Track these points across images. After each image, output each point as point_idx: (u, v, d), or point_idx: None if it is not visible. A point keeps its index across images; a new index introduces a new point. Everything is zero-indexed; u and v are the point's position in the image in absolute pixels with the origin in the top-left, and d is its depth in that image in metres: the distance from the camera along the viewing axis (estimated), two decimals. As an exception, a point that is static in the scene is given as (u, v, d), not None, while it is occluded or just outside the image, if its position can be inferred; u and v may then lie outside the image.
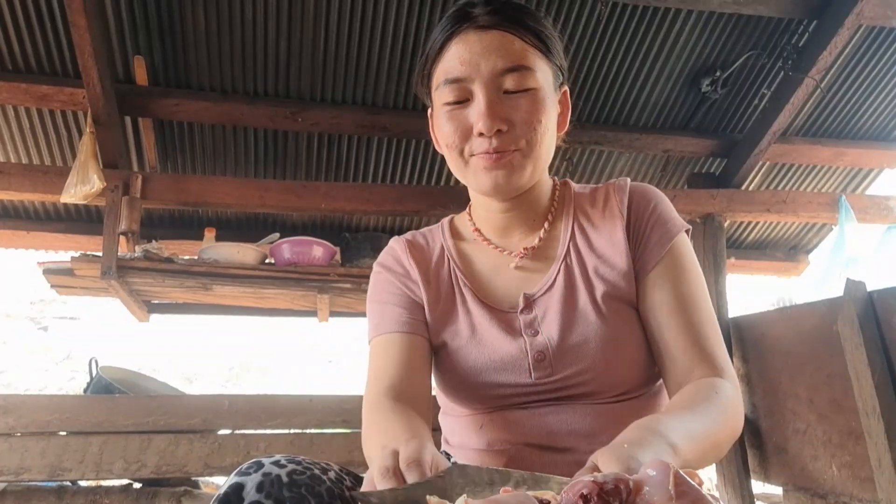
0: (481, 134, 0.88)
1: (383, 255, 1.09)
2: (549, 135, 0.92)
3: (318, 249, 2.83)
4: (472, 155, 0.91)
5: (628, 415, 0.87)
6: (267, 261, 2.87)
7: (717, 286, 3.04)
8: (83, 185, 2.58)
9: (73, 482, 2.44)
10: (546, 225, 1.00)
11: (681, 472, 0.55)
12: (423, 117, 3.44)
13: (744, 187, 3.35)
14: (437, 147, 1.01)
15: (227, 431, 2.52)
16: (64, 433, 2.37)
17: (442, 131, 0.93)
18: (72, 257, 2.63)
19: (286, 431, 2.56)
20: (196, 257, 2.83)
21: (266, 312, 3.37)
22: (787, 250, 4.06)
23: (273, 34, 2.75)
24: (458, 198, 3.03)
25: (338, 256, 2.93)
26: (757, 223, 3.87)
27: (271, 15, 2.68)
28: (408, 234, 1.10)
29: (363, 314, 3.80)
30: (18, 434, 2.35)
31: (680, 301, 0.91)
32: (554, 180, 1.06)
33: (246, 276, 2.70)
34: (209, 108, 2.91)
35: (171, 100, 2.87)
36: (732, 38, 2.93)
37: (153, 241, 2.82)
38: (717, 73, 3.01)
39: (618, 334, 0.91)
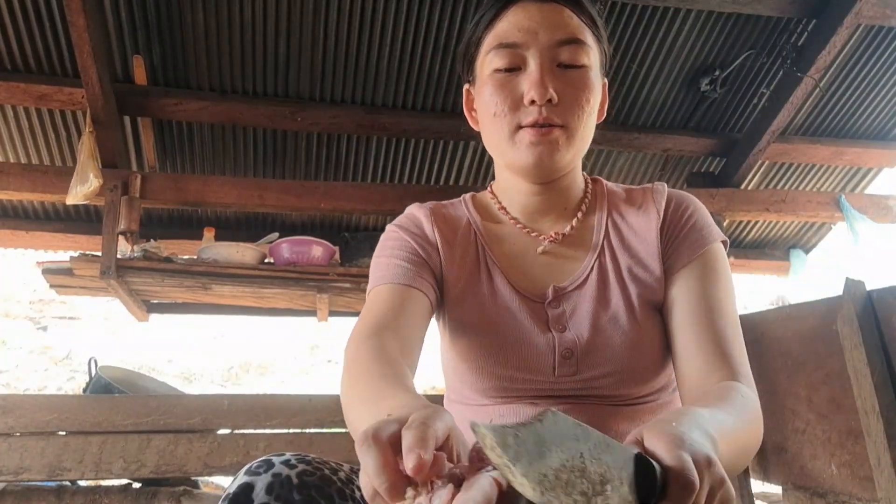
0: (533, 102, 0.86)
1: (401, 218, 1.03)
2: (592, 118, 0.91)
3: (318, 249, 2.83)
4: (520, 126, 0.87)
5: (643, 418, 0.87)
6: (266, 260, 2.86)
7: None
8: (82, 186, 2.58)
9: (73, 482, 2.44)
10: (579, 214, 0.98)
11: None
12: (422, 117, 3.41)
13: (743, 186, 3.35)
14: (472, 123, 0.98)
15: (227, 431, 2.52)
16: (63, 433, 2.37)
17: (488, 99, 0.89)
18: (71, 257, 2.63)
19: (285, 431, 2.56)
20: (195, 257, 2.83)
21: (265, 312, 3.37)
22: (786, 250, 4.07)
23: (272, 34, 2.75)
24: (457, 197, 3.03)
25: (337, 256, 2.93)
26: (756, 222, 3.87)
27: (271, 15, 2.68)
28: (430, 203, 1.04)
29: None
30: (18, 434, 2.34)
31: (706, 303, 0.89)
32: (585, 175, 1.03)
33: (245, 276, 2.70)
34: (208, 107, 2.91)
35: (171, 99, 2.86)
36: (732, 38, 2.93)
37: (152, 240, 2.82)
38: (717, 73, 3.01)
39: (646, 339, 0.90)
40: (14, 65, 2.75)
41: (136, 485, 2.46)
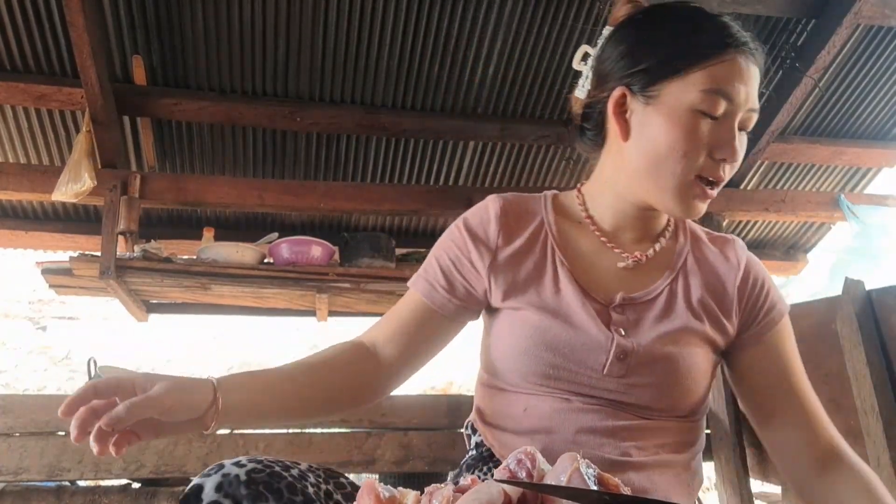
0: (722, 160, 0.88)
1: (472, 212, 1.03)
2: None
3: (317, 249, 2.83)
4: (697, 176, 0.89)
5: (665, 433, 0.93)
6: (266, 260, 2.86)
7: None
8: (74, 184, 2.57)
9: (72, 482, 2.44)
10: (662, 240, 1.01)
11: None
12: (422, 117, 3.39)
13: (742, 186, 3.35)
14: (621, 135, 0.93)
15: (226, 431, 2.52)
16: (63, 433, 2.37)
17: (674, 135, 0.87)
18: (70, 257, 2.63)
19: (285, 431, 2.56)
20: (195, 257, 2.83)
21: (265, 312, 3.37)
22: (785, 249, 4.07)
23: (272, 34, 2.75)
24: (457, 197, 3.03)
25: (336, 256, 2.93)
26: (755, 222, 3.87)
27: (270, 14, 2.68)
28: (507, 195, 1.04)
29: (362, 314, 3.80)
30: (17, 434, 2.34)
31: (793, 373, 0.99)
32: None
33: (245, 276, 2.70)
34: (208, 107, 2.91)
35: (170, 99, 2.86)
36: (731, 38, 2.93)
37: (152, 240, 2.82)
38: (716, 73, 3.00)
39: (695, 367, 0.93)
40: (13, 65, 2.75)
41: (136, 485, 2.46)
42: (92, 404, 0.74)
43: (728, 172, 0.90)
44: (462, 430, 1.11)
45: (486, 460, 1.00)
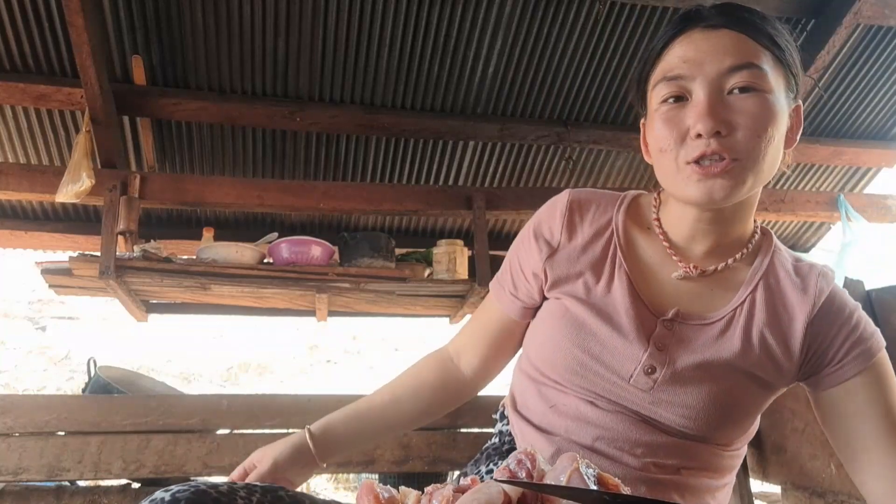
0: (699, 136, 0.80)
1: (543, 208, 1.03)
2: (774, 148, 0.83)
3: (317, 249, 2.83)
4: (686, 162, 0.82)
5: (695, 456, 0.90)
6: (265, 260, 2.86)
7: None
8: (74, 184, 2.57)
9: (72, 482, 2.44)
10: (738, 256, 0.92)
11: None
12: (422, 116, 3.40)
13: (742, 186, 3.35)
14: (646, 157, 0.93)
15: (226, 431, 2.52)
16: (62, 433, 2.36)
17: (655, 134, 0.86)
18: (70, 257, 2.63)
19: (284, 431, 2.56)
20: (194, 257, 2.82)
21: (264, 312, 3.37)
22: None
23: (271, 33, 2.75)
24: (457, 197, 3.03)
25: (336, 256, 2.93)
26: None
27: (270, 14, 2.68)
28: (582, 192, 1.01)
29: (362, 314, 3.79)
30: (17, 434, 2.34)
31: (891, 418, 0.87)
32: (756, 221, 0.98)
33: (244, 276, 2.70)
34: (207, 107, 2.91)
35: (170, 99, 2.86)
36: (731, 38, 2.93)
37: (151, 240, 2.82)
38: (716, 73, 3.00)
39: (731, 401, 0.88)
40: (13, 65, 2.75)
41: (136, 485, 2.46)
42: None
43: (733, 145, 0.80)
44: (462, 430, 1.14)
45: (505, 454, 1.00)
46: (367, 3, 2.66)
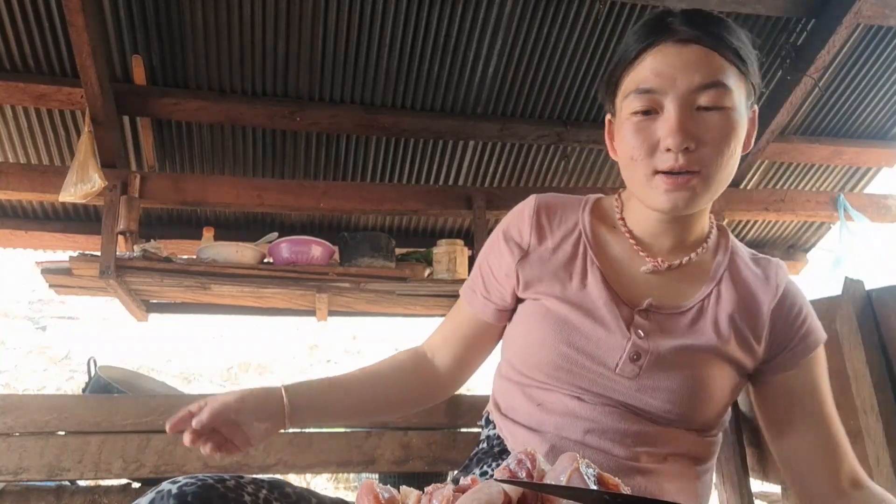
0: (668, 150, 0.85)
1: (511, 213, 1.06)
2: (734, 159, 0.90)
3: (317, 249, 2.83)
4: (655, 172, 0.88)
5: (670, 441, 0.93)
6: (265, 260, 2.86)
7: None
8: (83, 184, 2.58)
9: (72, 482, 2.44)
10: (699, 250, 0.98)
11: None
12: (422, 116, 3.39)
13: (742, 186, 3.36)
14: (611, 154, 0.98)
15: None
16: (62, 433, 2.36)
17: (626, 142, 0.90)
18: (70, 257, 2.63)
19: (284, 431, 2.55)
20: (194, 257, 2.83)
21: (264, 312, 3.37)
22: (785, 249, 4.07)
23: (272, 33, 2.75)
24: (456, 197, 3.03)
25: (336, 256, 2.93)
26: (755, 222, 3.88)
27: (270, 14, 2.68)
28: (548, 196, 1.06)
29: (362, 313, 3.79)
30: (17, 434, 2.34)
31: (823, 405, 0.99)
32: (711, 217, 1.05)
33: (244, 276, 2.70)
34: (207, 107, 2.91)
35: (170, 99, 2.86)
36: (731, 37, 2.93)
37: (152, 240, 2.82)
38: (716, 72, 3.00)
39: (711, 384, 0.93)
40: (13, 64, 2.75)
41: (136, 485, 2.46)
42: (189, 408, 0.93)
43: (699, 160, 0.86)
44: (462, 430, 1.14)
45: (497, 456, 1.00)
46: (367, 3, 2.66)
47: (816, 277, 3.61)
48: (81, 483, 2.51)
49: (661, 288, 0.97)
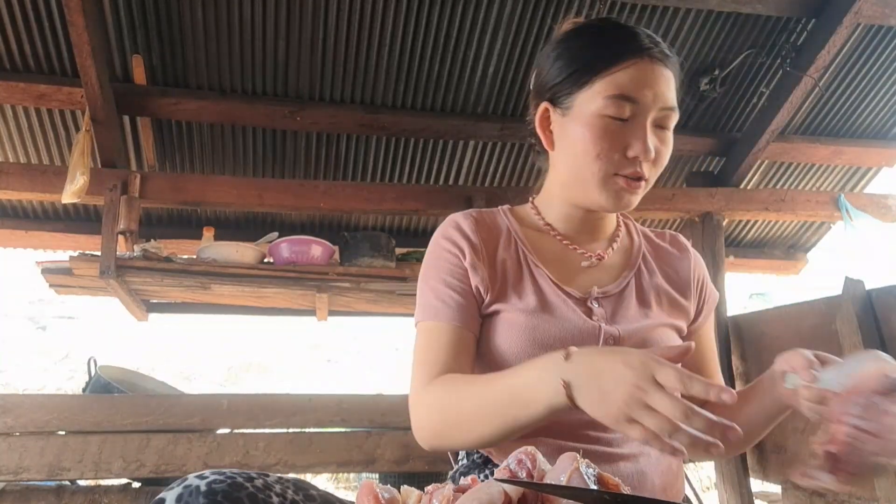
0: (635, 158, 0.93)
1: (447, 229, 1.06)
2: None
3: (317, 248, 2.83)
4: (615, 174, 0.95)
5: None
6: (266, 260, 2.86)
7: (717, 285, 3.03)
8: (70, 184, 2.58)
9: (72, 481, 2.44)
10: (618, 240, 1.09)
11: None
12: (422, 116, 3.38)
13: (742, 186, 3.35)
14: (547, 146, 1.03)
15: (226, 431, 2.52)
16: (63, 433, 2.37)
17: (588, 140, 0.95)
18: (70, 257, 2.63)
19: (284, 431, 2.56)
20: (195, 257, 2.83)
21: (265, 312, 3.37)
22: (785, 249, 4.07)
23: (272, 33, 2.75)
24: (456, 197, 3.03)
25: (336, 255, 2.93)
26: (755, 222, 3.87)
27: (270, 14, 2.68)
28: (471, 211, 1.09)
29: (362, 313, 3.79)
30: (17, 433, 2.34)
31: (712, 352, 1.13)
32: None
33: (245, 276, 2.70)
34: (208, 107, 2.91)
35: (170, 99, 2.86)
36: (731, 37, 2.93)
37: (152, 240, 2.82)
38: (716, 72, 3.01)
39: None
40: (13, 64, 2.75)
41: (136, 484, 2.46)
42: None
43: (649, 171, 0.96)
44: None
45: (482, 467, 1.00)
46: (367, 3, 2.66)
47: (816, 277, 3.60)
48: (81, 483, 2.51)
49: (598, 277, 1.04)
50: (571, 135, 0.97)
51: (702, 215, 3.17)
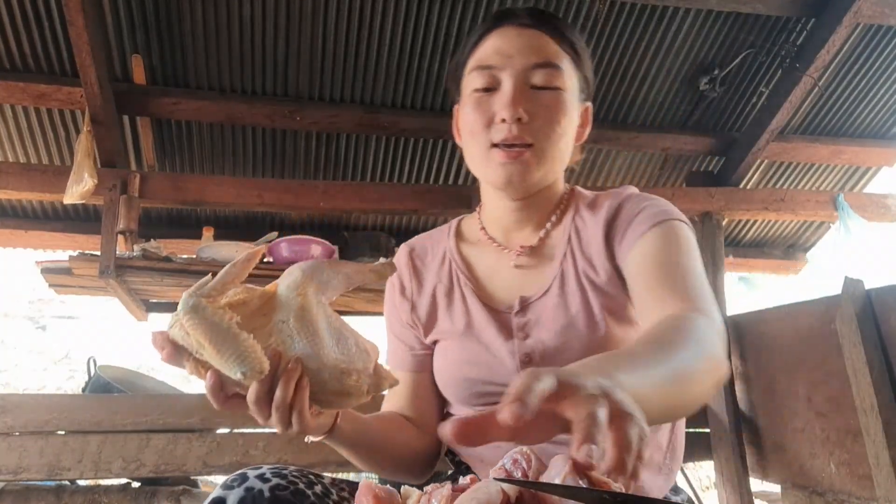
0: (503, 120, 0.90)
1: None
2: (566, 139, 0.95)
3: (317, 248, 2.83)
4: (492, 145, 0.92)
5: None
6: (265, 260, 2.86)
7: (716, 284, 3.04)
8: (77, 185, 2.58)
9: (72, 481, 2.44)
10: (548, 225, 1.01)
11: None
12: (422, 116, 3.40)
13: (742, 185, 3.35)
14: (457, 140, 1.04)
15: (226, 430, 2.52)
16: (62, 432, 2.37)
17: (466, 118, 0.96)
18: (70, 256, 2.63)
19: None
20: (194, 256, 2.83)
21: (265, 311, 3.36)
22: (785, 249, 4.07)
23: (271, 33, 2.75)
24: (456, 197, 3.03)
25: (336, 255, 2.93)
26: (755, 221, 3.87)
27: (269, 14, 2.68)
28: (414, 240, 1.12)
29: (362, 313, 3.79)
30: (17, 433, 2.34)
31: (662, 260, 0.87)
32: (567, 186, 1.07)
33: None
34: (207, 106, 2.91)
35: (170, 99, 2.86)
36: (731, 37, 2.93)
37: (151, 240, 2.82)
38: (716, 72, 3.01)
39: (607, 344, 0.91)
40: (13, 64, 2.75)
41: (136, 484, 2.46)
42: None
43: (533, 135, 0.90)
44: None
45: (466, 471, 1.02)
46: (367, 3, 2.66)
47: (816, 277, 3.60)
48: (81, 482, 2.51)
49: (528, 278, 0.99)
50: (461, 121, 0.99)
51: (701, 215, 3.17)
